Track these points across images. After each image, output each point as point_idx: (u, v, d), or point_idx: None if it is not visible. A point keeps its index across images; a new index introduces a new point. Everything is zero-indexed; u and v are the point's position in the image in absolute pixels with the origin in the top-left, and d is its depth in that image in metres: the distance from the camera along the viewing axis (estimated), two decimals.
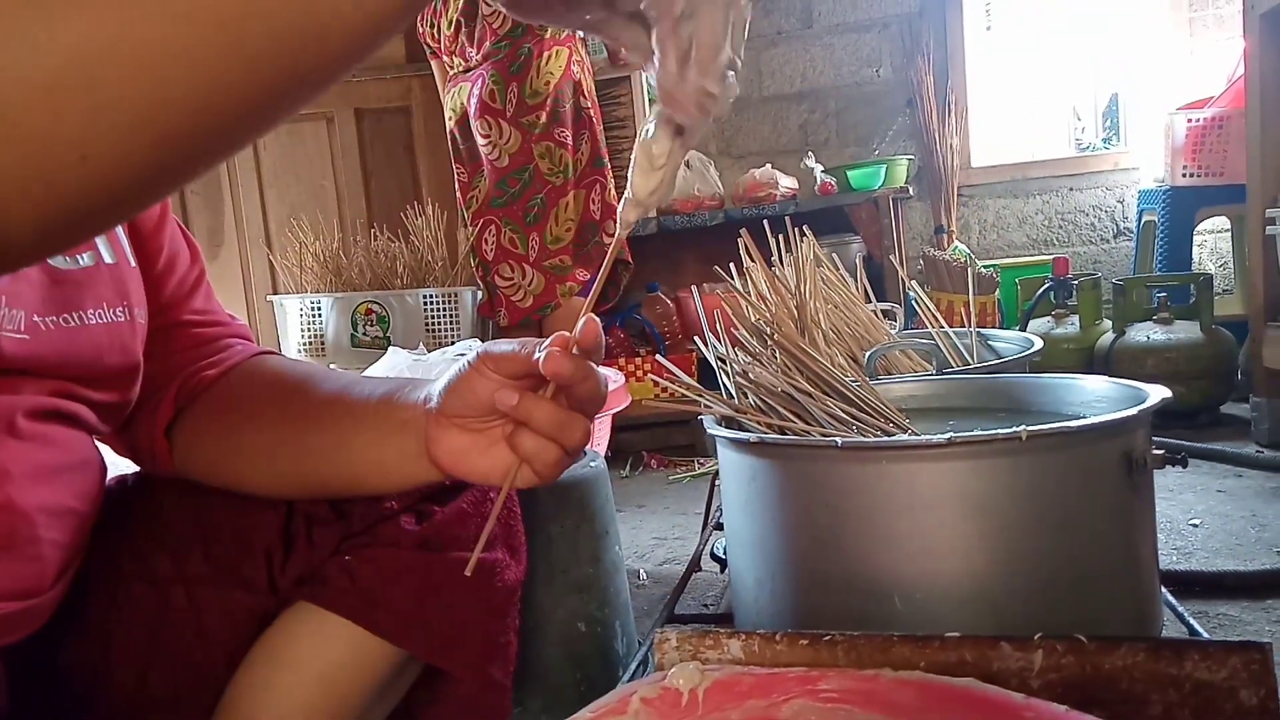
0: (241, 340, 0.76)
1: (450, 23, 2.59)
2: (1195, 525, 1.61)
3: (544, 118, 2.56)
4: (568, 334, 0.55)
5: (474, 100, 2.58)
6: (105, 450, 0.69)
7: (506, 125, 2.56)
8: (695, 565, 1.29)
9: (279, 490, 0.69)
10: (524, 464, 0.57)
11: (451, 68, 2.68)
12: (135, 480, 0.75)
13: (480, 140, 2.59)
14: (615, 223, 2.27)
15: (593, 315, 0.55)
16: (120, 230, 0.64)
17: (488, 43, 2.53)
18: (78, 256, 0.60)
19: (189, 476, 0.71)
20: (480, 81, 2.56)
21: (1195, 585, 1.32)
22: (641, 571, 1.63)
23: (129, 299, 0.64)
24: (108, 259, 0.62)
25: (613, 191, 2.69)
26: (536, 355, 0.55)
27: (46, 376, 0.58)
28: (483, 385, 0.57)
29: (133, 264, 0.65)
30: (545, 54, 2.53)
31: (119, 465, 0.76)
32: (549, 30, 2.53)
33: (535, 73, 2.53)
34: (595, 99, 2.70)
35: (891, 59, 3.49)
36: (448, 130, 2.72)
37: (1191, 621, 0.91)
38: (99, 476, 0.65)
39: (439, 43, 2.67)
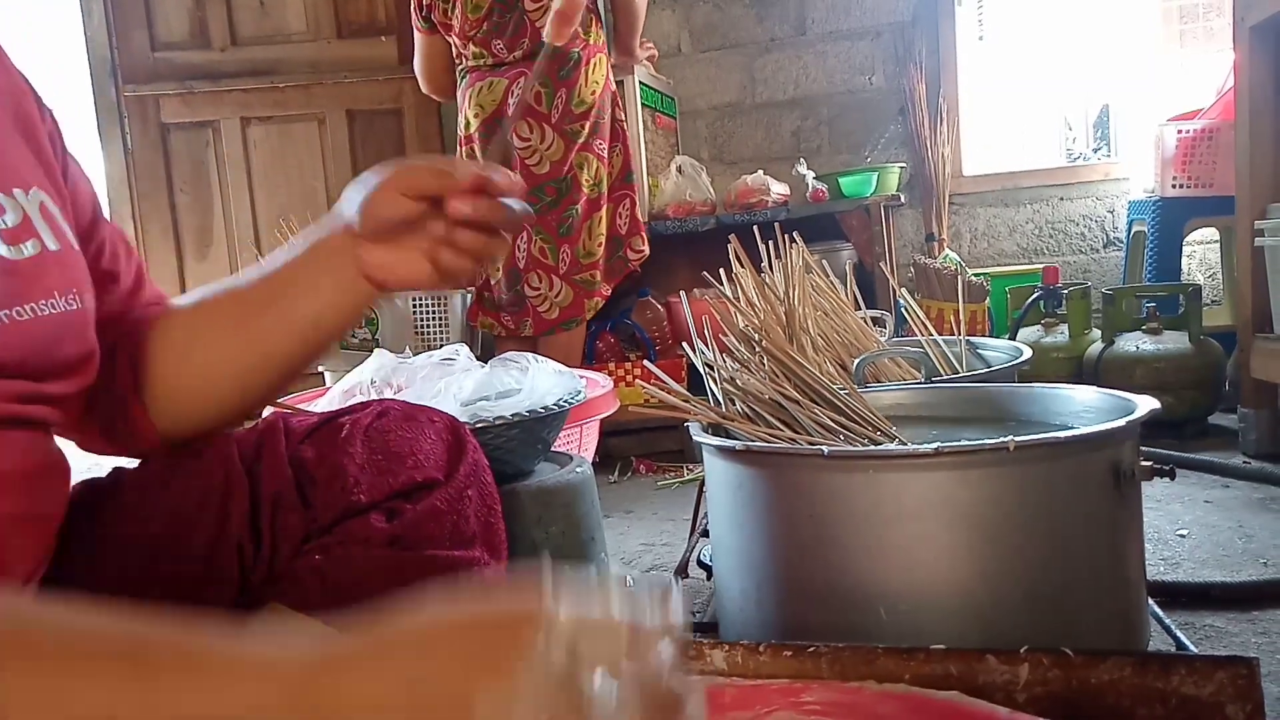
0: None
1: (476, 7, 2.39)
2: (1182, 536, 1.61)
3: (586, 128, 2.42)
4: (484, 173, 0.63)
5: (513, 100, 2.39)
6: (75, 452, 0.68)
7: (551, 131, 2.39)
8: (682, 573, 1.28)
9: (255, 388, 0.73)
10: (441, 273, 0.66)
11: (468, 57, 2.45)
12: (105, 482, 0.73)
13: (518, 143, 2.40)
14: (640, 239, 2.26)
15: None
16: (60, 216, 0.63)
17: (526, 41, 2.36)
18: (21, 246, 0.58)
19: (170, 425, 0.72)
20: (523, 81, 2.38)
21: (1182, 596, 1.32)
22: (628, 578, 1.62)
23: (78, 285, 0.62)
24: (52, 246, 0.60)
25: (640, 207, 2.60)
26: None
27: (6, 378, 0.56)
28: (392, 205, 0.64)
29: (76, 248, 0.64)
30: (592, 61, 2.40)
31: (95, 468, 0.74)
32: (592, 36, 2.41)
33: (584, 80, 2.39)
34: (625, 111, 2.60)
35: (884, 67, 3.50)
36: (468, 128, 2.50)
37: (1178, 634, 0.91)
38: (64, 480, 0.64)
39: (450, 20, 2.46)
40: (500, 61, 2.42)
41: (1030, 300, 2.65)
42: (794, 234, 1.27)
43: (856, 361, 1.19)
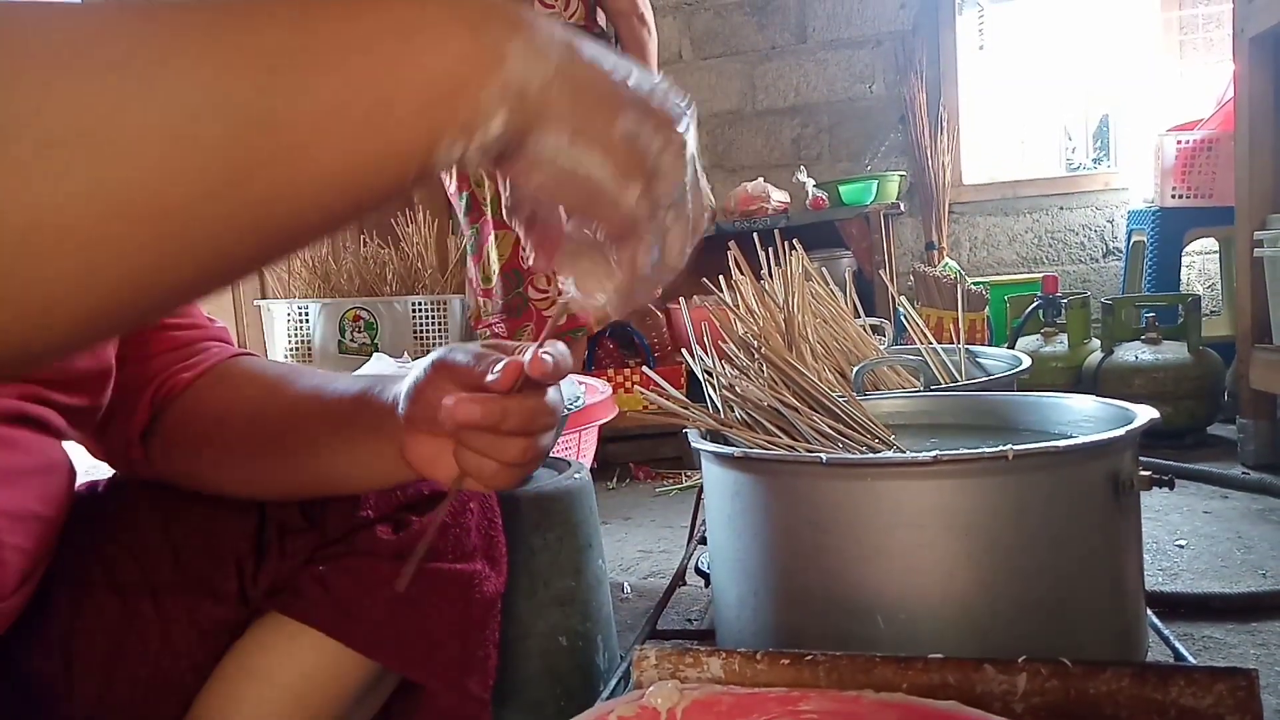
0: (219, 343, 0.74)
1: None
2: (1181, 546, 1.61)
3: None
4: (522, 361, 0.52)
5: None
6: (79, 455, 0.68)
7: None
8: (679, 580, 1.28)
9: (256, 493, 0.68)
10: (468, 476, 0.55)
11: None
12: (106, 486, 0.73)
13: None
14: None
15: (544, 353, 0.52)
16: None
17: None
18: None
19: (165, 480, 0.69)
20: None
21: (1181, 607, 1.32)
22: (626, 585, 1.61)
23: None
24: None
25: None
26: (490, 376, 0.52)
27: (13, 379, 0.56)
28: (435, 394, 0.55)
29: None
30: None
31: (96, 470, 0.74)
32: None
33: None
34: None
35: (884, 75, 3.51)
36: None
37: (1177, 645, 0.91)
38: (66, 481, 0.64)
39: None
40: None
41: (1029, 309, 2.65)
42: (793, 241, 1.27)
43: (856, 369, 1.19)
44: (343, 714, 0.70)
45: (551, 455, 1.21)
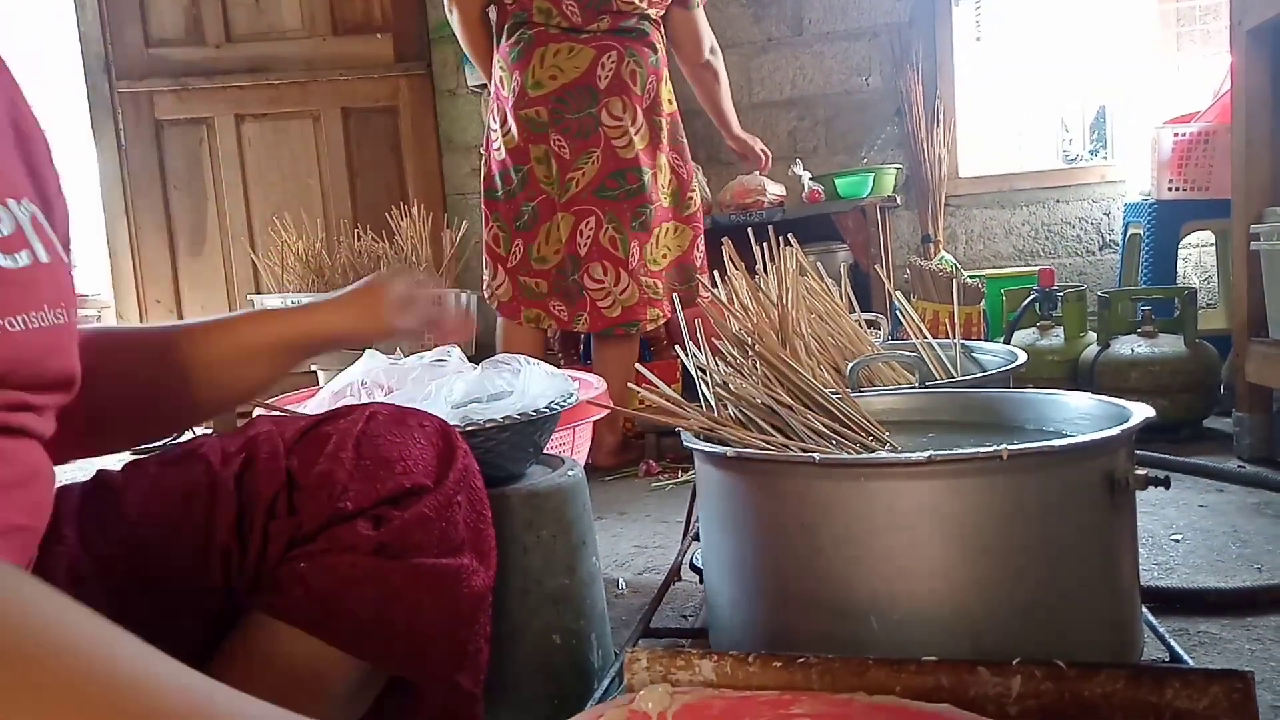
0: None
1: None
2: (1177, 540, 1.61)
3: (667, 129, 2.27)
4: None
5: (606, 72, 2.19)
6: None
7: (642, 115, 2.23)
8: (674, 576, 1.27)
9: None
10: None
11: (533, 12, 2.19)
12: (87, 488, 0.73)
13: (609, 120, 2.21)
14: (702, 276, 2.12)
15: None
16: (50, 229, 0.61)
17: (607, 18, 2.19)
18: (15, 255, 0.56)
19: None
20: (615, 55, 2.20)
21: (1176, 602, 1.31)
22: (621, 580, 1.61)
23: (66, 300, 0.61)
24: (44, 258, 0.58)
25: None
26: None
27: None
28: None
29: (66, 261, 0.62)
30: (665, 75, 2.30)
31: (85, 470, 0.73)
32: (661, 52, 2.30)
33: (664, 81, 2.26)
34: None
35: (881, 68, 3.49)
36: (538, 89, 2.21)
37: (1173, 644, 0.90)
38: (48, 487, 0.63)
39: None
40: (575, 27, 2.20)
41: (1026, 303, 2.64)
42: (788, 235, 1.27)
43: (850, 365, 1.18)
44: (332, 713, 0.69)
45: (545, 452, 1.20)
